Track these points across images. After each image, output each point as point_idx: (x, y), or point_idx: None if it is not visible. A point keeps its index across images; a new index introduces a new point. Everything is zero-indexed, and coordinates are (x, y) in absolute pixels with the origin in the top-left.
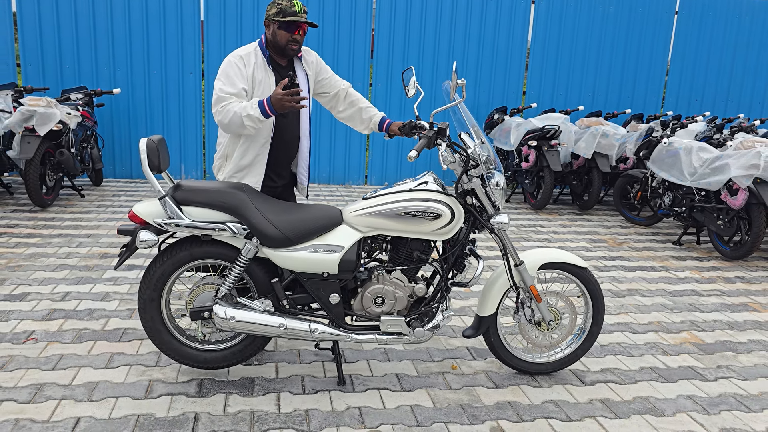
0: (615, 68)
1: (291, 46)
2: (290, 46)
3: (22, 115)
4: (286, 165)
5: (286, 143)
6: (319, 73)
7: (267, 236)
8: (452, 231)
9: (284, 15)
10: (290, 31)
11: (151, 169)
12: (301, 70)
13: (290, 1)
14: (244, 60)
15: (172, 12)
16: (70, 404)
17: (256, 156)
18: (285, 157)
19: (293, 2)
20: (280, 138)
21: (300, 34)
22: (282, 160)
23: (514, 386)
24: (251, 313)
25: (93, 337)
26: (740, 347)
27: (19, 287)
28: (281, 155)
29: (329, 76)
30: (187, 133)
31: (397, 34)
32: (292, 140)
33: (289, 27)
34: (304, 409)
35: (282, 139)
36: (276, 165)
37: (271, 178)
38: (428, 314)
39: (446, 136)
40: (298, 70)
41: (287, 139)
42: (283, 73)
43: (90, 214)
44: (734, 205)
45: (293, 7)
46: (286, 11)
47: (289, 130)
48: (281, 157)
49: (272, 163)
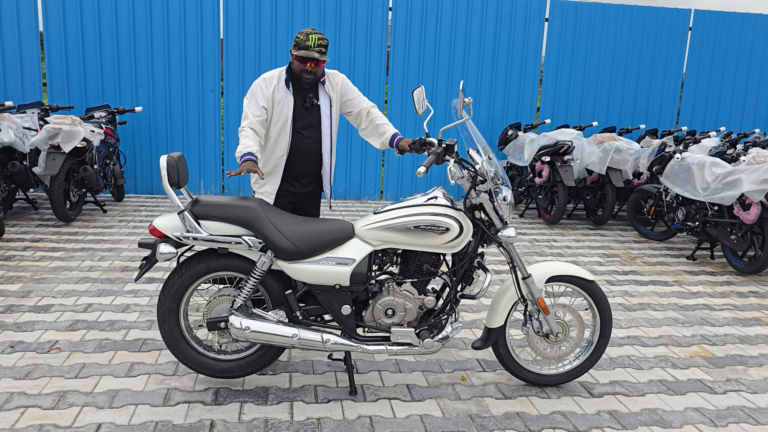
0: (629, 84)
1: (304, 75)
2: (304, 75)
3: (48, 132)
4: (307, 176)
5: (304, 157)
6: (345, 95)
7: (281, 249)
8: (461, 244)
9: (298, 48)
10: (303, 62)
11: (171, 184)
12: (324, 93)
13: (307, 36)
14: (267, 82)
15: (192, 31)
16: (91, 411)
17: (275, 166)
18: (306, 167)
19: (309, 37)
20: (296, 150)
21: (312, 66)
22: (303, 170)
23: (523, 397)
24: (266, 323)
25: (114, 347)
26: (751, 361)
27: (44, 299)
28: (301, 165)
29: (354, 96)
30: (206, 150)
31: (412, 51)
32: (310, 155)
33: (302, 59)
34: (316, 417)
35: (300, 154)
36: (296, 174)
37: (291, 184)
38: (438, 326)
39: (454, 153)
40: (321, 93)
41: (305, 154)
42: (304, 95)
43: (112, 228)
44: (747, 219)
45: (307, 41)
46: (300, 45)
47: (306, 146)
48: (301, 166)
49: (291, 173)
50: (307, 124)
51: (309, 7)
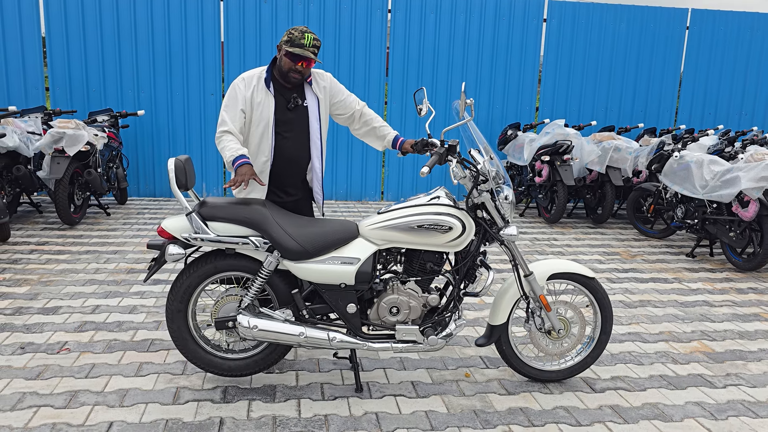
0: (627, 83)
1: (292, 74)
2: (291, 74)
3: (52, 136)
4: (295, 181)
5: (289, 164)
6: (333, 96)
7: (287, 249)
8: (463, 243)
9: (292, 45)
10: (294, 61)
11: (179, 186)
12: (311, 93)
13: (302, 34)
14: (245, 82)
15: (193, 35)
16: (103, 409)
17: (259, 173)
18: (291, 174)
19: (305, 35)
20: (280, 156)
21: (303, 66)
22: (289, 177)
23: (526, 393)
24: (273, 322)
25: (123, 347)
26: (750, 356)
27: (52, 301)
28: (286, 174)
29: (343, 98)
30: (208, 152)
31: (411, 52)
32: (296, 161)
33: (294, 57)
34: (323, 414)
35: (283, 157)
36: (282, 182)
37: (276, 194)
38: (441, 323)
39: (457, 153)
40: (308, 94)
41: (290, 160)
42: (287, 95)
43: (116, 231)
44: (745, 216)
45: (303, 39)
46: (295, 42)
47: (291, 151)
48: (286, 175)
49: (277, 180)
50: (290, 126)
51: (309, 9)
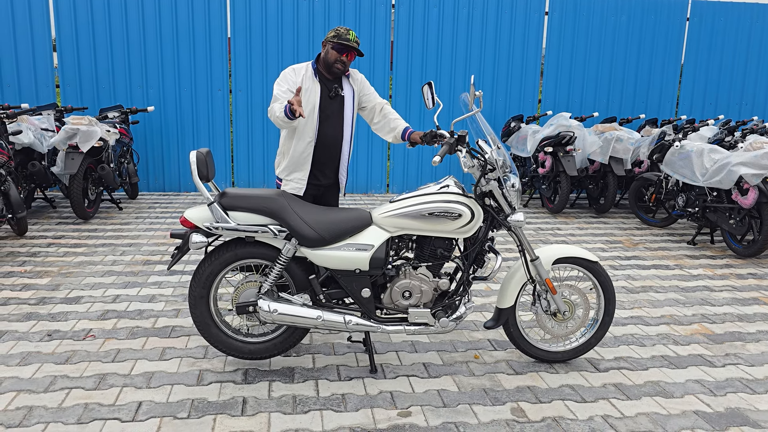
0: (628, 75)
1: (337, 65)
2: (336, 65)
3: (66, 133)
4: (330, 166)
5: (328, 146)
6: (362, 90)
7: (304, 237)
8: (472, 229)
9: (339, 38)
10: (340, 52)
11: (200, 178)
12: (348, 85)
13: (347, 31)
14: (295, 71)
15: (200, 32)
16: (131, 391)
17: (302, 153)
18: (328, 158)
19: (349, 32)
20: (323, 139)
21: (347, 58)
22: (326, 161)
23: (533, 373)
24: (292, 306)
25: (145, 333)
26: (749, 337)
27: (73, 291)
28: (325, 156)
29: (370, 93)
30: (216, 146)
31: (415, 46)
32: (334, 144)
33: (340, 49)
34: (340, 393)
35: (324, 142)
36: (320, 165)
37: (316, 176)
38: (452, 306)
39: (465, 143)
40: (345, 86)
41: (329, 143)
42: (329, 86)
43: (129, 225)
44: (745, 204)
45: (348, 35)
46: (342, 37)
47: (330, 134)
48: (325, 157)
49: (317, 162)
50: (330, 113)
51: (314, 4)
